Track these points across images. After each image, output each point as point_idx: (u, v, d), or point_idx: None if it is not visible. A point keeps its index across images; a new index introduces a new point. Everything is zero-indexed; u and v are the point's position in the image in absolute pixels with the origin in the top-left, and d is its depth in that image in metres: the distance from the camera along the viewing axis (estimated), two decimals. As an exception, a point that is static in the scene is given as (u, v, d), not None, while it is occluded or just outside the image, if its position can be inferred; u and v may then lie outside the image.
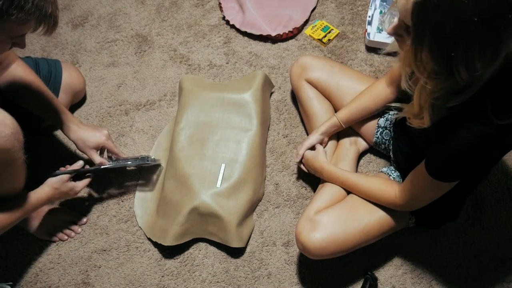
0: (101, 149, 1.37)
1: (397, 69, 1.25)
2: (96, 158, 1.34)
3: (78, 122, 1.35)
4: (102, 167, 1.35)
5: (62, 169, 1.30)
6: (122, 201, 1.48)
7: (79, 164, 1.32)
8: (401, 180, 1.29)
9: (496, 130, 0.88)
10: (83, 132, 1.33)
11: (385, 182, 1.22)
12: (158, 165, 1.49)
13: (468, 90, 0.85)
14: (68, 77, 1.50)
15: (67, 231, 1.43)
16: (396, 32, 0.92)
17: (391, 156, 1.36)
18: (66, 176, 1.28)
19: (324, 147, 1.40)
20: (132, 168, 1.49)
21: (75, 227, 1.43)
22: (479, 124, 0.89)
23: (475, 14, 0.74)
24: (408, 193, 1.12)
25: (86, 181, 1.34)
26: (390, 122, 1.37)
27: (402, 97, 1.23)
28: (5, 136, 1.01)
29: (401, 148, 1.27)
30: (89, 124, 1.36)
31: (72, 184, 1.30)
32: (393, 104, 1.07)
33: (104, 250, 1.42)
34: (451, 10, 0.75)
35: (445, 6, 0.76)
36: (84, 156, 1.39)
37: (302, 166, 1.43)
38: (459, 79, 0.81)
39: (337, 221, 1.19)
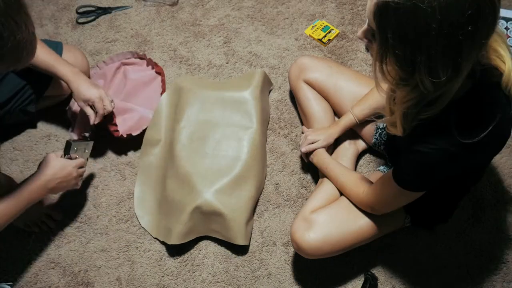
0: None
1: None
2: (88, 110, 1.35)
3: (79, 74, 1.34)
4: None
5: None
6: (122, 201, 1.48)
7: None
8: None
9: (459, 147, 0.86)
10: (80, 84, 1.33)
11: (360, 179, 1.21)
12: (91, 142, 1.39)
13: (437, 103, 0.83)
14: (71, 58, 1.43)
15: (42, 225, 1.41)
16: (365, 36, 0.88)
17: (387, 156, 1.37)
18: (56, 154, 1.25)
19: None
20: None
21: (50, 222, 1.42)
22: (443, 140, 0.87)
23: (434, 21, 0.71)
24: (374, 196, 1.12)
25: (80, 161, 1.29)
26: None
27: None
28: None
29: (390, 150, 1.29)
30: (91, 81, 1.36)
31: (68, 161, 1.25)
32: (378, 110, 1.07)
33: (104, 250, 1.42)
34: (411, 14, 0.73)
35: (405, 9, 0.73)
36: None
37: (304, 156, 1.42)
38: (423, 88, 0.80)
39: (332, 221, 1.19)
